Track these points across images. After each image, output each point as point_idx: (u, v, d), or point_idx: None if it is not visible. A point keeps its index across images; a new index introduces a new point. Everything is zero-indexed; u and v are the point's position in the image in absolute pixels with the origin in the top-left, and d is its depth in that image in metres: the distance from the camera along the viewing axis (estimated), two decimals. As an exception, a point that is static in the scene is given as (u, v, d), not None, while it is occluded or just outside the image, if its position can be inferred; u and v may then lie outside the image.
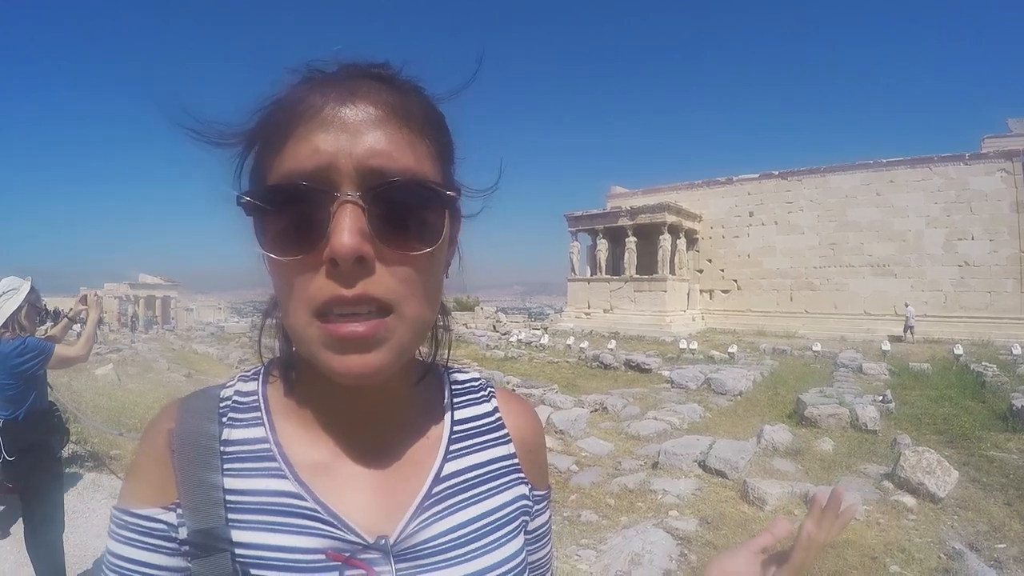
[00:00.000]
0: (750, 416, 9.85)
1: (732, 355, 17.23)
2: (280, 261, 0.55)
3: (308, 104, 0.55)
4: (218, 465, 0.61)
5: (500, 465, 0.72)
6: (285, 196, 0.54)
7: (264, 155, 0.57)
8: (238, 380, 0.69)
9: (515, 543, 0.69)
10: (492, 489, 0.70)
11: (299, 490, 0.60)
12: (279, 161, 0.55)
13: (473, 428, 0.73)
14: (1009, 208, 22.92)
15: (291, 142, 0.54)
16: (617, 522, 5.32)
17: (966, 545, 4.75)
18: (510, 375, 13.30)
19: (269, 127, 0.57)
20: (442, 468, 0.68)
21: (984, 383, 11.86)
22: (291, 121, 0.55)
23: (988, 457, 7.12)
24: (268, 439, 0.63)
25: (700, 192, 30.85)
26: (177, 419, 0.63)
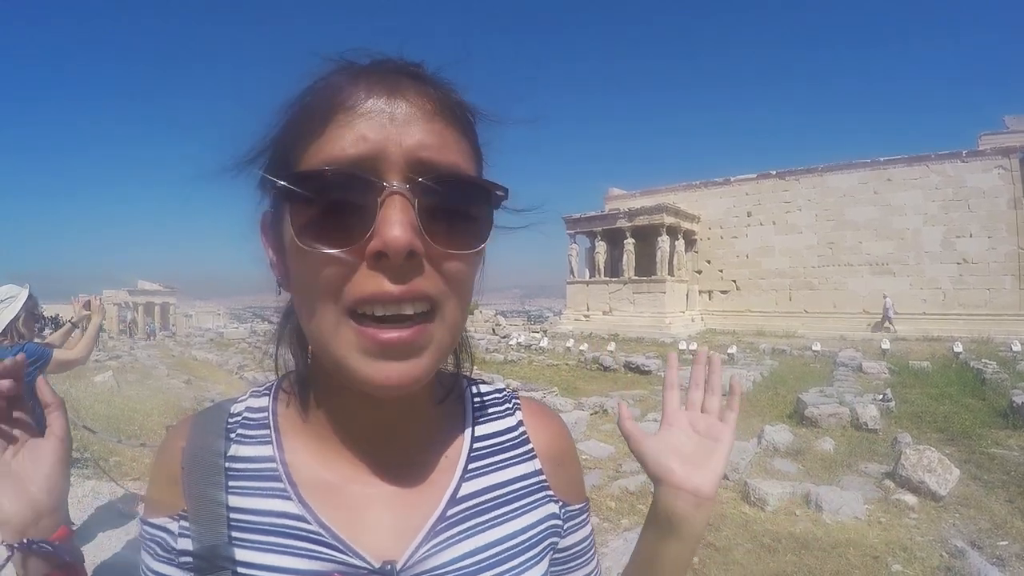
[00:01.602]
0: (750, 417, 9.83)
1: (732, 356, 17.23)
2: (316, 253, 0.50)
3: (351, 92, 0.52)
4: (223, 482, 0.60)
5: (524, 484, 0.68)
6: (326, 183, 0.50)
7: (297, 142, 0.53)
8: (250, 395, 0.68)
9: (537, 569, 0.65)
10: (515, 511, 0.66)
11: (302, 512, 0.58)
12: (316, 148, 0.51)
13: (495, 445, 0.69)
14: (1007, 205, 22.94)
15: (332, 128, 0.51)
16: (618, 525, 5.31)
17: (968, 543, 4.75)
18: (510, 378, 13.29)
19: (305, 113, 0.53)
20: (459, 488, 0.64)
21: (984, 380, 11.87)
22: (331, 108, 0.51)
23: (989, 454, 7.12)
24: (275, 458, 0.62)
25: (698, 193, 30.87)
26: (188, 436, 0.63)
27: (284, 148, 0.55)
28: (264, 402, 0.67)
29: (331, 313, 0.52)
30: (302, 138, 0.53)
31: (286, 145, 0.54)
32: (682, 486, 0.71)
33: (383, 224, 0.48)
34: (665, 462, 0.73)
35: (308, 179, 0.50)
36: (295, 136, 0.53)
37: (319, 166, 0.50)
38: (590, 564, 0.75)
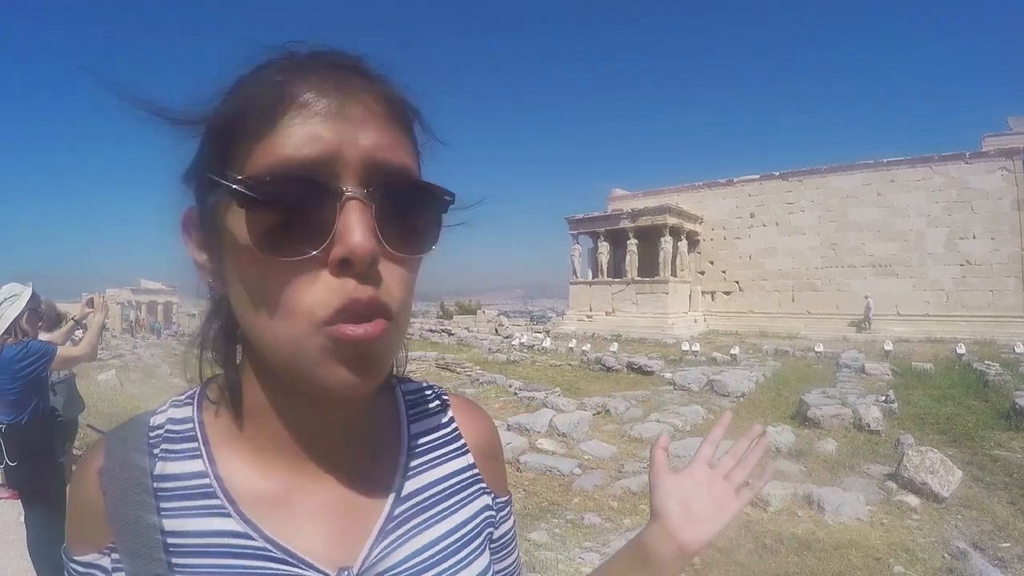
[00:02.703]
0: (753, 418, 9.82)
1: (734, 356, 17.22)
2: (277, 261, 0.47)
3: (302, 87, 0.49)
4: (153, 504, 0.54)
5: (461, 479, 0.68)
6: (283, 187, 0.47)
7: (240, 138, 0.49)
8: (170, 406, 0.62)
9: (483, 559, 0.66)
10: (455, 504, 0.66)
11: (245, 528, 0.55)
12: (266, 146, 0.48)
13: (431, 442, 0.69)
14: (1010, 206, 22.90)
15: (283, 126, 0.48)
16: (620, 525, 5.31)
17: (970, 544, 4.75)
18: (513, 379, 13.29)
19: (249, 106, 0.49)
20: (403, 487, 0.63)
21: (987, 382, 11.84)
22: (281, 103, 0.48)
23: (991, 456, 7.11)
24: (207, 472, 0.57)
25: (701, 194, 30.86)
26: (105, 457, 0.57)
27: (223, 144, 0.50)
28: (187, 412, 0.61)
29: (302, 322, 0.48)
30: (247, 134, 0.48)
31: (225, 140, 0.50)
32: (673, 534, 0.74)
33: (346, 231, 0.47)
34: (671, 504, 0.76)
35: (265, 183, 0.47)
36: (237, 131, 0.49)
37: (272, 167, 0.47)
38: (513, 554, 0.76)
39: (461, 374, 14.08)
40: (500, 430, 7.44)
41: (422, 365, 14.92)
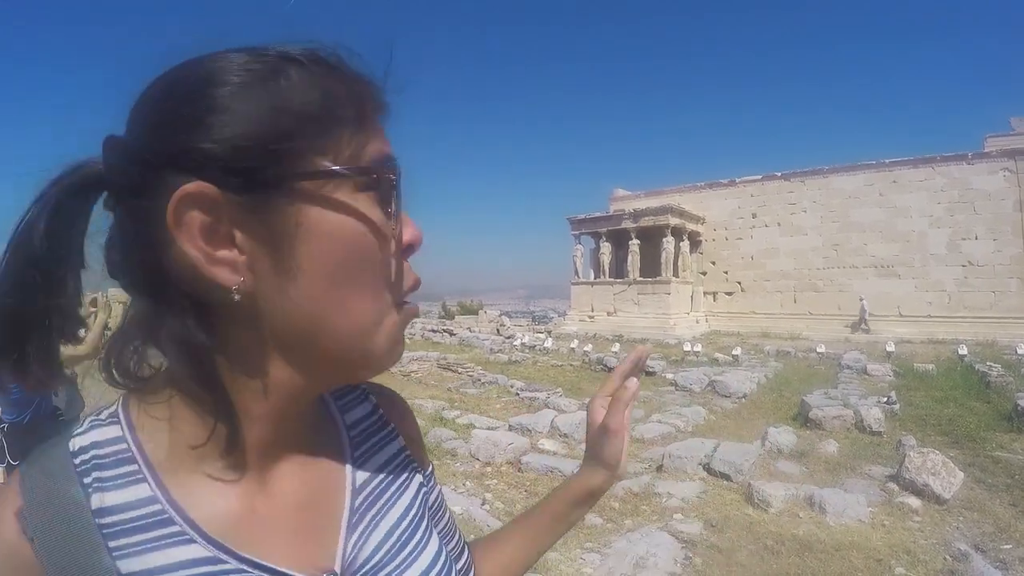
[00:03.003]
0: (755, 418, 9.85)
1: (736, 357, 17.21)
2: (375, 244, 0.52)
3: (368, 91, 0.54)
4: (101, 543, 0.48)
5: (398, 461, 0.71)
6: (394, 175, 0.53)
7: (336, 131, 0.51)
8: (91, 427, 0.54)
9: (435, 538, 0.68)
10: (400, 487, 0.69)
11: (214, 552, 0.51)
12: (367, 139, 0.53)
13: (365, 429, 0.70)
14: (1013, 207, 22.85)
15: (373, 123, 0.54)
16: (621, 525, 5.32)
17: (972, 546, 4.75)
18: (514, 379, 13.30)
19: (343, 102, 0.52)
20: (355, 478, 0.64)
21: (989, 383, 11.82)
22: (371, 101, 0.54)
23: (993, 458, 7.10)
24: (157, 498, 0.50)
25: (703, 194, 30.82)
26: (24, 493, 0.49)
27: (314, 131, 0.50)
28: (115, 431, 0.53)
29: (386, 302, 0.54)
30: (344, 126, 0.51)
31: (318, 129, 0.50)
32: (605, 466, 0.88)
33: (408, 220, 0.55)
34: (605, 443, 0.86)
35: (387, 170, 0.53)
36: (333, 122, 0.51)
37: (381, 158, 0.53)
38: (447, 514, 0.80)
39: (463, 374, 14.08)
40: (502, 431, 7.47)
41: (423, 365, 14.90)
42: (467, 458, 7.20)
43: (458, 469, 6.88)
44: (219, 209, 0.47)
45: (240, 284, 0.48)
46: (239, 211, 0.48)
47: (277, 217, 0.48)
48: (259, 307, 0.50)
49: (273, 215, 0.48)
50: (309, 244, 0.49)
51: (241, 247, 0.49)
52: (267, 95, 0.49)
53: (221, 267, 0.48)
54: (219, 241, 0.48)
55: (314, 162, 0.49)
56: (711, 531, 5.08)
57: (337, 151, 0.50)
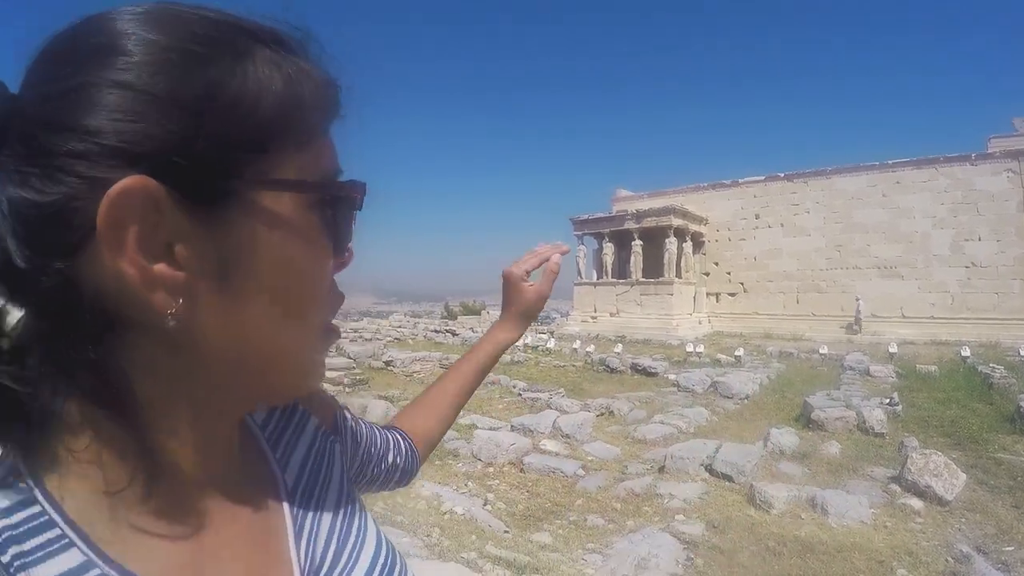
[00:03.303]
0: (757, 420, 9.84)
1: (739, 358, 17.19)
2: (323, 264, 0.49)
3: (334, 86, 0.49)
4: None
5: (317, 444, 0.66)
6: (353, 190, 0.50)
7: (290, 139, 0.45)
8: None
9: (370, 521, 0.65)
10: (327, 473, 0.65)
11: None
12: (321, 149, 0.48)
13: (278, 423, 0.64)
14: (1016, 208, 22.80)
15: (324, 132, 0.49)
16: (623, 526, 5.33)
17: (974, 548, 4.75)
18: (516, 379, 13.30)
19: (302, 106, 0.45)
20: (286, 483, 0.60)
21: (992, 385, 11.80)
22: (331, 104, 0.49)
23: (996, 459, 7.10)
24: (94, 562, 0.40)
25: (706, 195, 30.81)
26: None
27: (265, 138, 0.43)
28: (20, 495, 0.40)
29: (318, 325, 0.50)
30: (298, 133, 0.45)
31: (270, 135, 0.43)
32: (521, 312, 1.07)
33: (351, 236, 0.52)
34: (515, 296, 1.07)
35: (342, 185, 0.49)
36: (288, 128, 0.44)
37: (332, 170, 0.49)
38: (362, 423, 0.82)
39: (465, 375, 14.05)
40: (504, 431, 7.46)
41: (426, 365, 14.90)
42: (469, 458, 7.21)
43: (460, 469, 6.89)
44: (161, 215, 0.39)
45: (177, 308, 0.41)
46: (184, 220, 0.40)
47: (227, 231, 0.42)
48: (192, 332, 0.43)
49: (223, 228, 0.42)
50: (258, 264, 0.44)
51: (181, 264, 0.41)
52: (232, 80, 0.41)
53: (157, 287, 0.40)
54: (155, 255, 0.40)
55: (276, 170, 0.44)
56: (713, 532, 5.08)
57: (300, 160, 0.45)
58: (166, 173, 0.39)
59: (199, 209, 0.41)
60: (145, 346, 0.43)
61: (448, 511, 5.36)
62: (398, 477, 0.91)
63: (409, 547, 4.11)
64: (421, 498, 5.66)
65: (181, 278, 0.41)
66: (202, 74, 0.40)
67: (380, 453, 0.84)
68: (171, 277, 0.40)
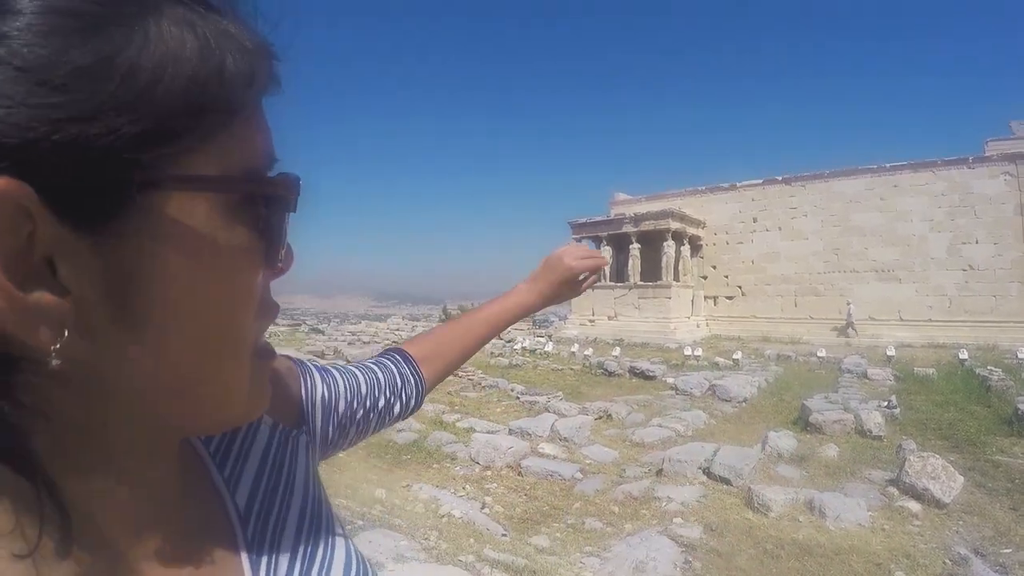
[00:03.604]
0: (755, 423, 9.85)
1: (737, 361, 17.19)
2: (253, 278, 0.40)
3: (265, 51, 0.39)
4: None
5: (274, 448, 0.57)
6: (288, 188, 0.40)
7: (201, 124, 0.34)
8: None
9: (339, 539, 0.58)
10: (287, 481, 0.56)
11: None
12: (247, 137, 0.38)
13: (223, 435, 0.54)
14: (1013, 211, 22.84)
15: (258, 110, 0.39)
16: (621, 529, 5.32)
17: (971, 550, 4.75)
18: (515, 383, 13.31)
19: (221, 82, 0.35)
20: (237, 504, 0.51)
21: (989, 387, 11.82)
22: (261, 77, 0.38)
23: (993, 462, 7.11)
24: None
25: (704, 198, 30.84)
26: None
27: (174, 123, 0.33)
28: None
29: (246, 347, 0.41)
30: (221, 112, 0.35)
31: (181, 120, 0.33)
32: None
33: (288, 245, 0.42)
34: None
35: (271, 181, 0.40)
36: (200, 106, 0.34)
37: (260, 165, 0.39)
38: (356, 383, 0.78)
39: (463, 378, 14.06)
40: (502, 434, 7.45)
41: (424, 369, 14.87)
42: (467, 462, 7.21)
43: (458, 473, 6.89)
44: (34, 226, 0.30)
45: (62, 344, 0.32)
46: (66, 232, 0.31)
47: (125, 244, 0.33)
48: (90, 370, 0.35)
49: (119, 241, 0.32)
50: (166, 284, 0.35)
51: (66, 288, 0.32)
52: (129, 47, 0.31)
53: (35, 320, 0.31)
54: (31, 277, 0.31)
55: (187, 163, 0.34)
56: (711, 535, 5.08)
57: (220, 149, 0.36)
58: (38, 171, 0.29)
59: (86, 218, 0.31)
60: (40, 388, 0.33)
61: (446, 514, 5.35)
62: (398, 411, 0.86)
63: (407, 550, 4.10)
64: (419, 501, 5.66)
65: (65, 306, 0.32)
66: (91, 39, 0.30)
67: (370, 401, 0.79)
68: (52, 306, 0.32)
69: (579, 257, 1.06)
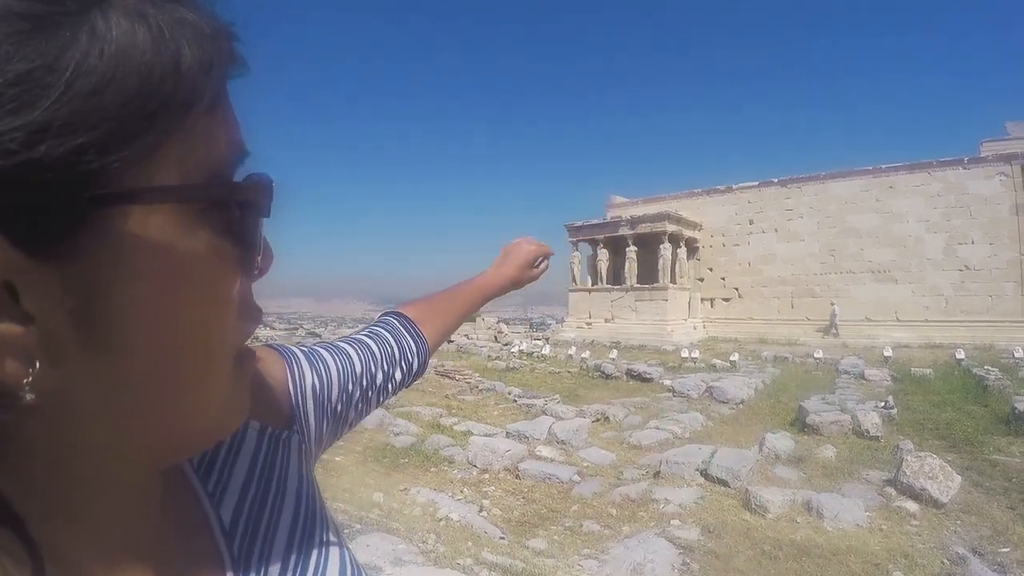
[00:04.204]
0: (752, 424, 9.85)
1: (734, 363, 17.21)
2: (230, 286, 0.37)
3: (224, 34, 0.35)
4: None
5: (264, 454, 0.54)
6: (261, 192, 0.38)
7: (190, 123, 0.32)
8: None
9: (334, 551, 0.56)
10: (277, 488, 0.54)
11: None
12: (213, 131, 0.35)
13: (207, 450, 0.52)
14: (1008, 212, 22.93)
15: (224, 104, 0.36)
16: (619, 532, 5.31)
17: (969, 550, 4.75)
18: (512, 386, 13.29)
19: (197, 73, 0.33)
20: (222, 519, 0.49)
21: (986, 387, 11.85)
22: (212, 62, 0.34)
23: (991, 461, 7.11)
24: None
25: (700, 201, 30.91)
26: None
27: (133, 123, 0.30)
28: None
29: (228, 361, 0.39)
30: (178, 113, 0.32)
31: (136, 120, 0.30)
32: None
33: (263, 243, 0.40)
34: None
35: (252, 180, 0.38)
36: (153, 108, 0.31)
37: (225, 165, 0.36)
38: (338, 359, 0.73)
39: (460, 381, 14.06)
40: (499, 437, 7.43)
41: (422, 372, 14.87)
42: (465, 465, 7.19)
43: (456, 476, 6.88)
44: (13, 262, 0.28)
45: (34, 375, 0.30)
46: (19, 258, 0.28)
47: (82, 264, 0.30)
48: (64, 399, 0.32)
49: (76, 261, 0.30)
50: (130, 306, 0.32)
51: (29, 316, 0.29)
52: (76, 45, 0.29)
53: (2, 354, 0.29)
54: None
55: (141, 171, 0.31)
56: (709, 537, 5.07)
57: (181, 149, 0.33)
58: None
59: (40, 240, 0.29)
60: (7, 424, 0.31)
61: (444, 517, 5.34)
62: (400, 379, 0.83)
63: (404, 554, 4.09)
64: (417, 505, 5.64)
65: (31, 335, 0.30)
66: (30, 41, 0.27)
67: (367, 379, 0.76)
68: (17, 336, 0.29)
69: (532, 244, 1.13)
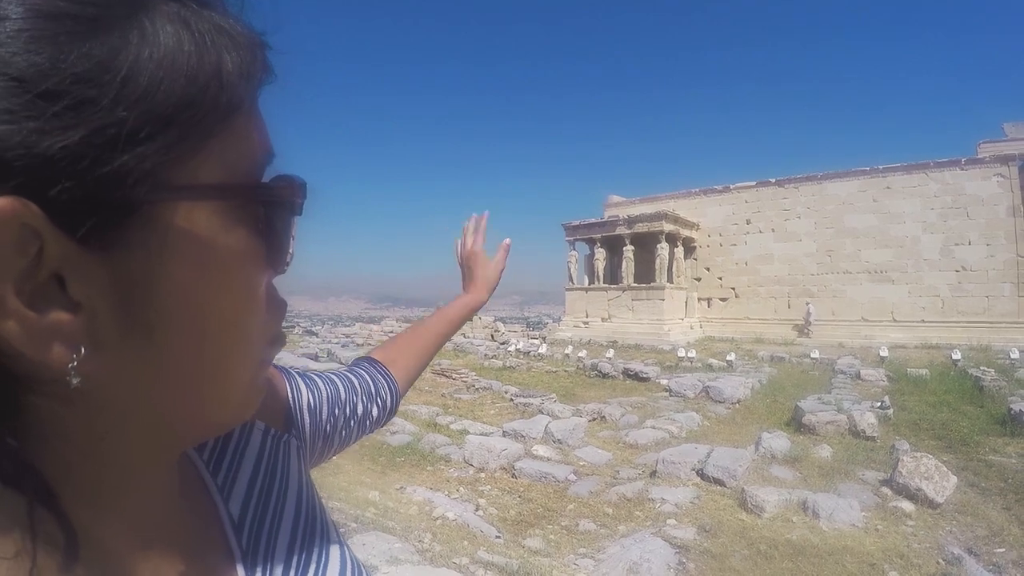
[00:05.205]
0: (748, 424, 9.86)
1: (730, 363, 17.21)
2: (258, 281, 0.40)
3: (258, 46, 0.38)
4: None
5: (267, 453, 0.57)
6: (295, 192, 0.41)
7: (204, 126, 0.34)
8: None
9: (334, 547, 0.57)
10: (280, 487, 0.56)
11: None
12: (248, 138, 0.37)
13: (216, 442, 0.54)
14: (1006, 213, 22.96)
15: (255, 111, 0.38)
16: (615, 531, 5.31)
17: (965, 550, 4.76)
18: (508, 385, 13.29)
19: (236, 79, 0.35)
20: (231, 512, 0.51)
21: (982, 388, 11.87)
22: (249, 70, 0.36)
23: (986, 462, 7.13)
24: None
25: (697, 200, 30.91)
26: None
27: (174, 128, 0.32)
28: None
29: (258, 351, 0.42)
30: (218, 116, 0.34)
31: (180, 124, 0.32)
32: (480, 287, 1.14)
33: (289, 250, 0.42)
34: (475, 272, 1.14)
35: (282, 181, 0.40)
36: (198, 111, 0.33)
37: (257, 167, 0.39)
38: (325, 383, 0.77)
39: (457, 380, 14.06)
40: (496, 436, 7.45)
41: (418, 371, 14.86)
42: (461, 464, 7.19)
43: (452, 475, 6.87)
44: (40, 245, 0.29)
45: (79, 361, 0.32)
46: (71, 246, 0.30)
47: (129, 255, 0.32)
48: (103, 384, 0.34)
49: (123, 253, 0.32)
50: (173, 295, 0.34)
51: (76, 303, 0.31)
52: (125, 50, 0.30)
53: (49, 339, 0.31)
54: (41, 296, 0.30)
55: (189, 168, 0.33)
56: (704, 536, 5.07)
57: (221, 151, 0.35)
58: (40, 187, 0.28)
59: (92, 231, 0.30)
60: (47, 409, 0.33)
61: (440, 516, 5.33)
62: (376, 416, 0.87)
63: (400, 553, 4.09)
64: (413, 503, 5.64)
65: (78, 323, 0.32)
66: (86, 42, 0.29)
67: (349, 408, 0.80)
68: (65, 323, 0.31)
69: (481, 246, 1.16)
